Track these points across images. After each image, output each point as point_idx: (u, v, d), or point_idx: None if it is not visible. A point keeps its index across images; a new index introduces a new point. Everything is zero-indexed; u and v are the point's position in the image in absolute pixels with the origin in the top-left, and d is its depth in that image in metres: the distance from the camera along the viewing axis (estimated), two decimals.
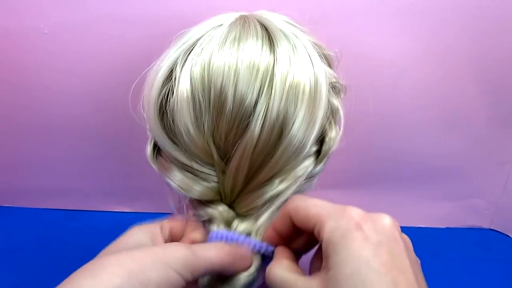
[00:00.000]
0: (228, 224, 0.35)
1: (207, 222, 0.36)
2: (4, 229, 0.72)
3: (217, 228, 0.34)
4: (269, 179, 0.34)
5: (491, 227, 0.75)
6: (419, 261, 0.29)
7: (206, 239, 0.34)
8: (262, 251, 0.33)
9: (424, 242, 0.71)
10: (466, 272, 0.64)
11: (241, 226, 0.34)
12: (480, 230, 0.75)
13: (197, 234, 0.34)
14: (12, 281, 0.59)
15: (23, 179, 0.74)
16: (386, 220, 0.27)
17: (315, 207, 0.28)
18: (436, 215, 0.74)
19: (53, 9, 0.56)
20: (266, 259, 0.34)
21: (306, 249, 0.33)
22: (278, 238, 0.32)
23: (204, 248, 0.30)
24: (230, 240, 0.33)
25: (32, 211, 0.76)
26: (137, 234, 0.31)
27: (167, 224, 0.33)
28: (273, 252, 0.33)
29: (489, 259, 0.68)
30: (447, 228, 0.75)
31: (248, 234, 0.34)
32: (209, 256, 0.29)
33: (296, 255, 0.32)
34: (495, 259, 0.68)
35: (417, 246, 0.80)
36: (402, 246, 0.26)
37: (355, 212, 0.26)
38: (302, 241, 0.32)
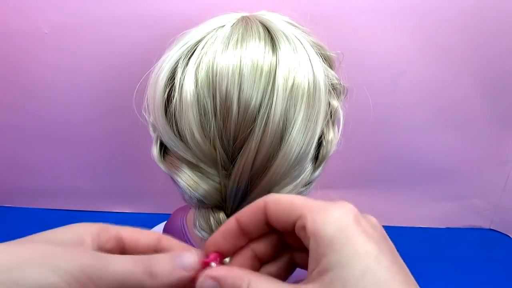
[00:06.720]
0: None
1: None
2: (4, 229, 0.71)
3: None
4: (270, 190, 0.34)
5: (491, 227, 0.75)
6: None
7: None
8: None
9: (424, 242, 0.71)
10: (466, 272, 0.64)
11: None
12: (480, 230, 0.75)
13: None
14: None
15: (23, 179, 0.74)
16: (371, 216, 0.24)
17: (300, 199, 0.24)
18: (436, 215, 0.74)
19: (53, 9, 0.56)
20: None
21: (268, 255, 0.26)
22: (239, 233, 0.26)
23: (117, 259, 0.23)
24: None
25: (32, 211, 0.76)
26: (77, 229, 0.25)
27: (125, 232, 0.27)
28: None
29: (489, 259, 0.67)
30: (447, 228, 0.75)
31: None
32: (116, 269, 0.23)
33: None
34: (495, 259, 0.68)
35: (417, 246, 0.80)
36: (391, 242, 0.24)
37: (349, 205, 0.23)
38: (268, 243, 0.26)
